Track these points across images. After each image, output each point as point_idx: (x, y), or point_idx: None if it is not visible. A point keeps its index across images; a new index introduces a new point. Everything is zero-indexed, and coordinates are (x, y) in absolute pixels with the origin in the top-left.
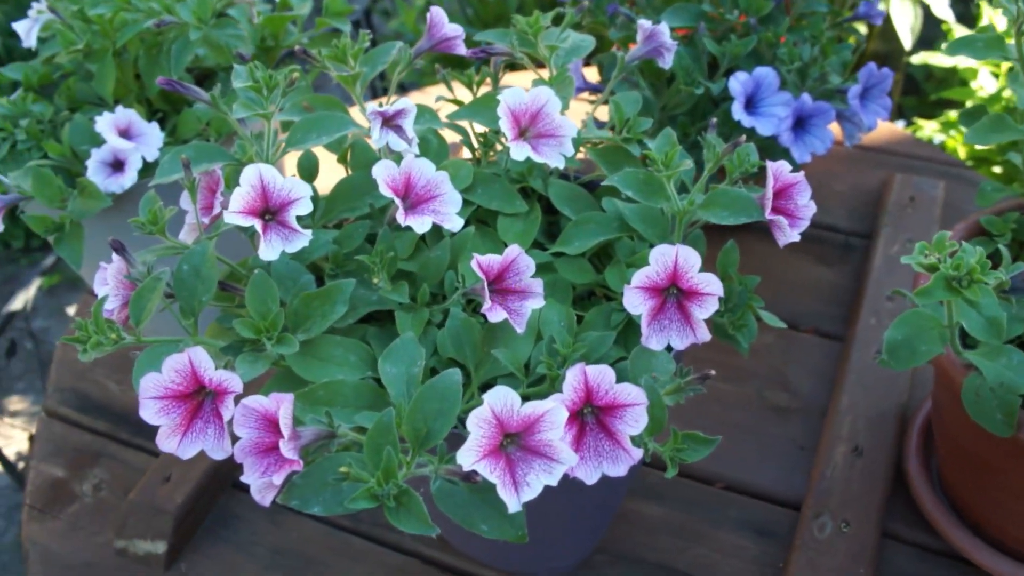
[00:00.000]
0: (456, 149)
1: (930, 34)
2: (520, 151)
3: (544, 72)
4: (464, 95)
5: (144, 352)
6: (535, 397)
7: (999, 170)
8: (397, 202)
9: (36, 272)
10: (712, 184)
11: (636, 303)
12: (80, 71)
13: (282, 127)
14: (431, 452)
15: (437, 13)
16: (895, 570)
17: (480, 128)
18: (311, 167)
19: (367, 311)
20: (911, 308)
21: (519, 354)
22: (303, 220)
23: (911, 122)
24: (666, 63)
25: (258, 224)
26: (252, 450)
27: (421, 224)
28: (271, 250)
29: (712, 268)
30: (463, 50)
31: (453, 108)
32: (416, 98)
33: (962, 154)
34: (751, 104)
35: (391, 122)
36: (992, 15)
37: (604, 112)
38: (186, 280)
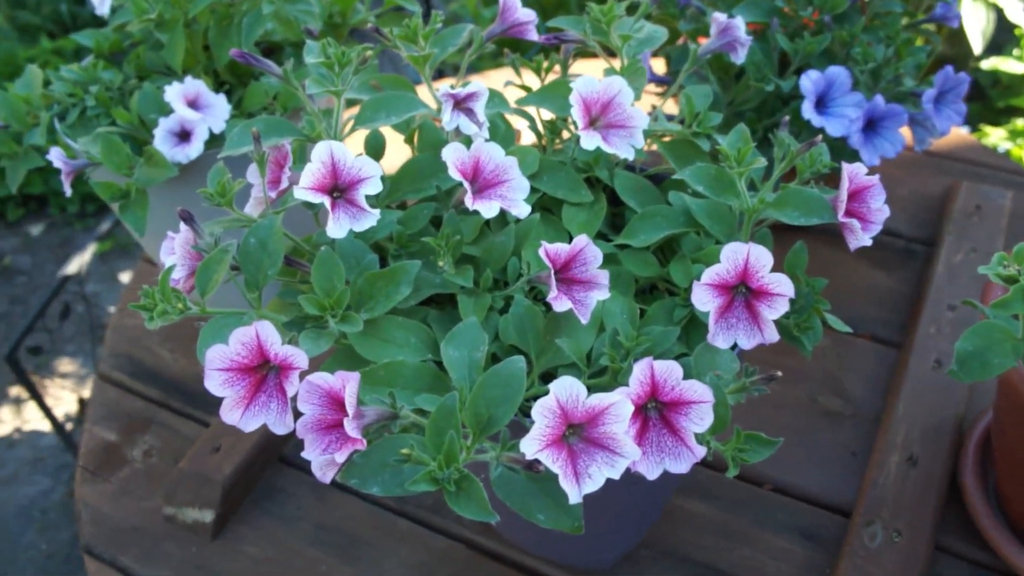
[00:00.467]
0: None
1: (999, 39)
2: (590, 140)
3: (615, 62)
4: (530, 82)
5: (208, 323)
6: (596, 389)
7: None
8: (465, 185)
9: (91, 237)
10: (781, 184)
11: (704, 300)
12: (149, 40)
13: (348, 105)
14: (492, 439)
15: None
16: None
17: (547, 115)
18: (378, 146)
19: (430, 293)
20: (980, 319)
21: (582, 345)
22: (370, 200)
23: (976, 128)
24: (739, 58)
25: (327, 201)
26: (314, 427)
27: (489, 209)
28: (339, 228)
29: (777, 269)
30: (534, 36)
31: (520, 94)
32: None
33: None
34: (821, 104)
35: (462, 104)
36: None
37: (671, 106)
38: (252, 253)
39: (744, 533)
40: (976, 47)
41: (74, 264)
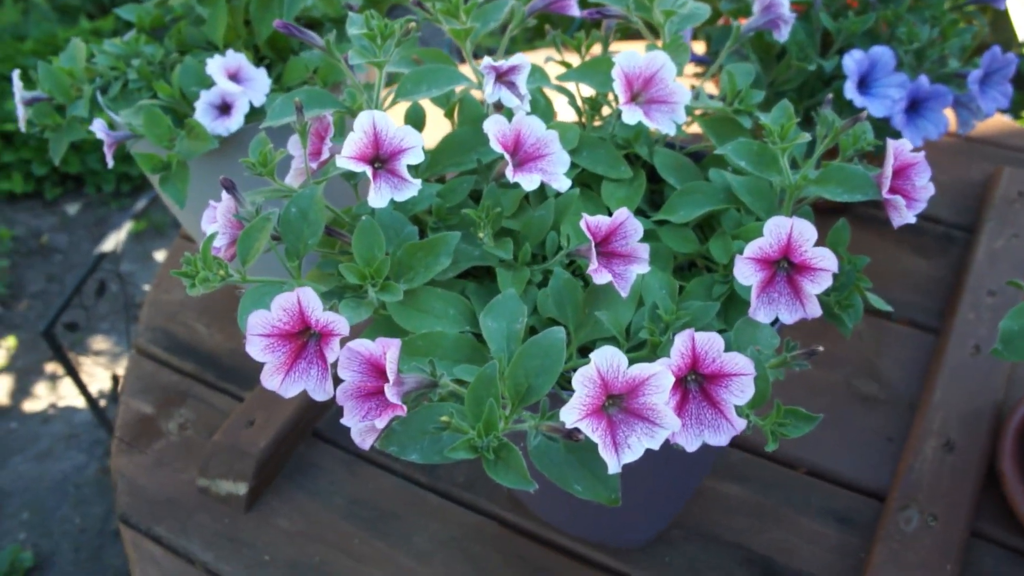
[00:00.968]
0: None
1: None
2: (632, 115)
3: (657, 41)
4: (570, 60)
5: (249, 291)
6: (636, 362)
7: None
8: (507, 157)
9: (127, 215)
10: (823, 162)
11: (747, 274)
12: (190, 16)
13: (388, 82)
14: (530, 409)
15: None
16: (983, 571)
17: (587, 92)
18: (418, 120)
19: (468, 266)
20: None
21: (621, 318)
22: (411, 170)
23: (1019, 116)
24: (782, 36)
25: (369, 171)
26: (354, 394)
27: (530, 181)
28: (380, 198)
29: None
30: (576, 11)
31: (560, 70)
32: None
33: None
34: (864, 84)
35: (504, 77)
36: None
37: (710, 87)
38: (293, 222)
39: (777, 515)
40: (1021, 33)
41: (110, 242)
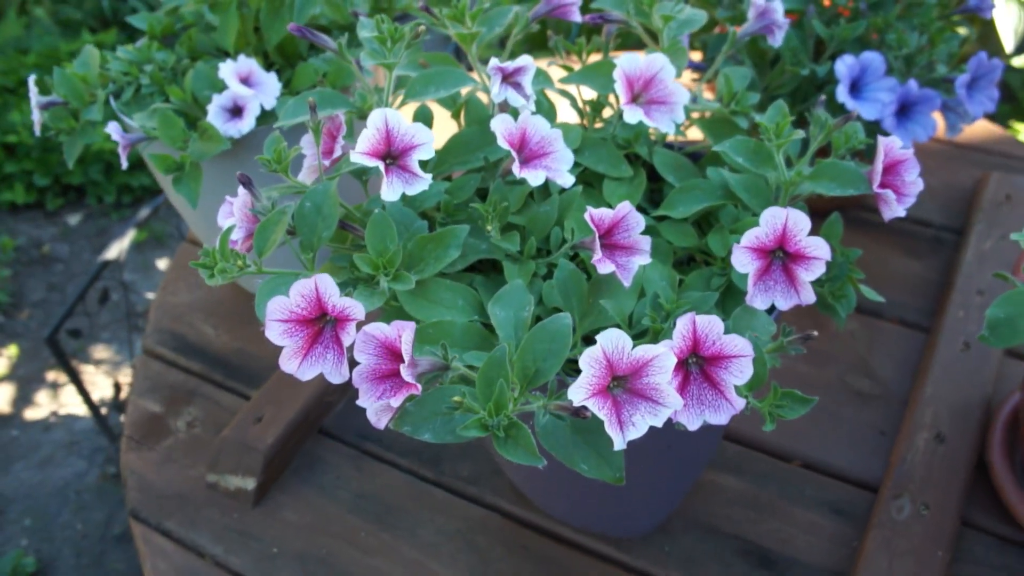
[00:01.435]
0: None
1: None
2: (633, 115)
3: (656, 46)
4: (571, 65)
5: (265, 282)
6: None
7: None
8: (513, 154)
9: (129, 224)
10: (816, 159)
11: (744, 262)
12: (200, 23)
13: (397, 86)
14: (537, 392)
15: None
16: (973, 558)
17: (588, 96)
18: (426, 120)
19: (476, 259)
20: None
21: (624, 307)
22: (422, 165)
23: (1007, 127)
24: (776, 41)
25: (381, 166)
26: (369, 376)
27: (535, 177)
28: (392, 191)
29: None
30: (577, 16)
31: (562, 74)
32: None
33: None
34: (856, 88)
35: (510, 78)
36: None
37: (707, 95)
38: (308, 216)
39: (773, 507)
40: (1008, 46)
41: (113, 250)
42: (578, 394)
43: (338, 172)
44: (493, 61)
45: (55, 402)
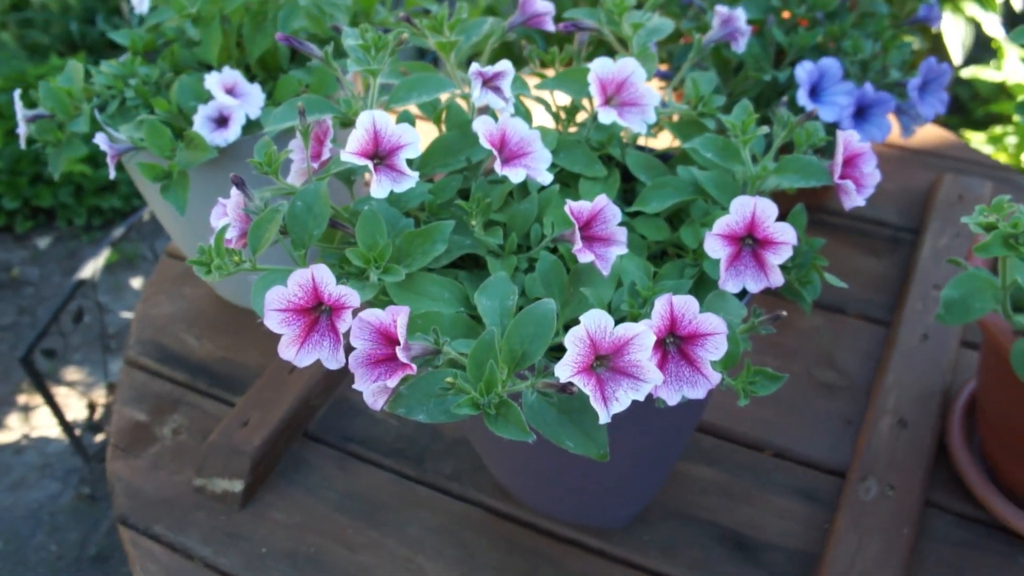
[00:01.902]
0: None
1: (977, 56)
2: (607, 116)
3: (626, 53)
4: (544, 74)
5: (260, 277)
6: None
7: None
8: (495, 153)
9: (102, 245)
10: (780, 155)
11: (716, 248)
12: (181, 38)
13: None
14: (524, 374)
15: None
16: (936, 535)
17: (561, 101)
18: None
19: (460, 253)
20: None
21: (603, 295)
22: (409, 163)
23: (958, 135)
24: (739, 47)
25: (370, 165)
26: (365, 361)
27: (516, 174)
28: (381, 189)
29: None
30: (551, 27)
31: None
32: None
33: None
34: (815, 92)
35: (491, 82)
36: None
37: (673, 99)
38: (299, 215)
39: (747, 494)
40: (956, 58)
41: (88, 269)
42: (564, 371)
43: (327, 174)
44: (474, 66)
45: (27, 425)
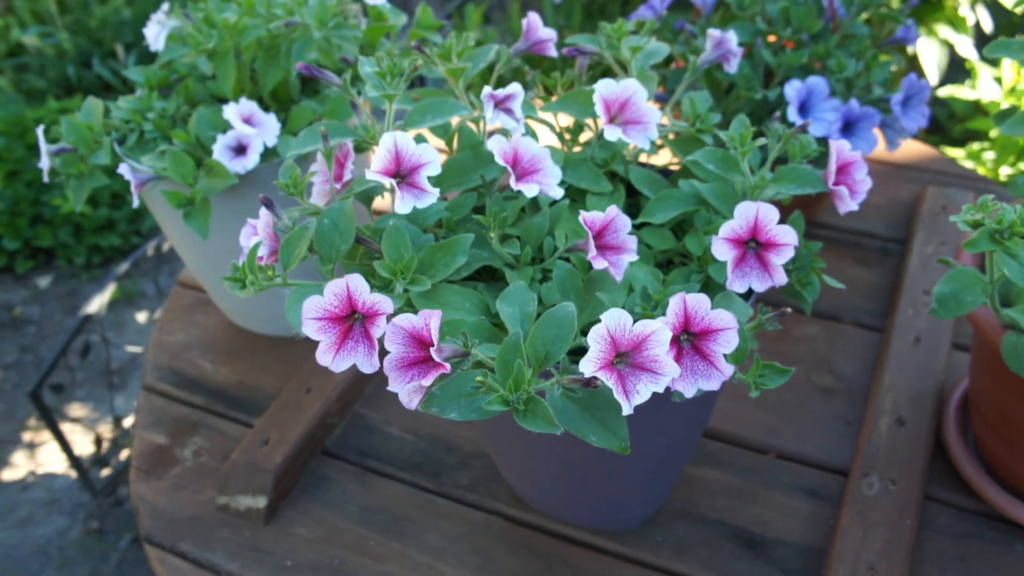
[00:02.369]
0: None
1: (952, 76)
2: (612, 133)
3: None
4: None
5: (292, 292)
6: None
7: None
8: (509, 170)
9: (107, 279)
10: (776, 166)
11: (722, 251)
12: (194, 74)
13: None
14: (545, 375)
15: (534, 18)
16: (937, 527)
17: (564, 123)
18: None
19: (479, 265)
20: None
21: (617, 300)
22: (430, 180)
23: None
24: (732, 68)
25: (393, 183)
26: (399, 364)
27: (529, 189)
28: (404, 205)
29: None
30: (553, 52)
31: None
32: None
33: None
34: (804, 109)
35: (502, 104)
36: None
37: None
38: (326, 232)
39: (754, 494)
40: (932, 78)
41: (94, 303)
42: (588, 367)
43: (349, 193)
44: (486, 89)
45: (32, 461)
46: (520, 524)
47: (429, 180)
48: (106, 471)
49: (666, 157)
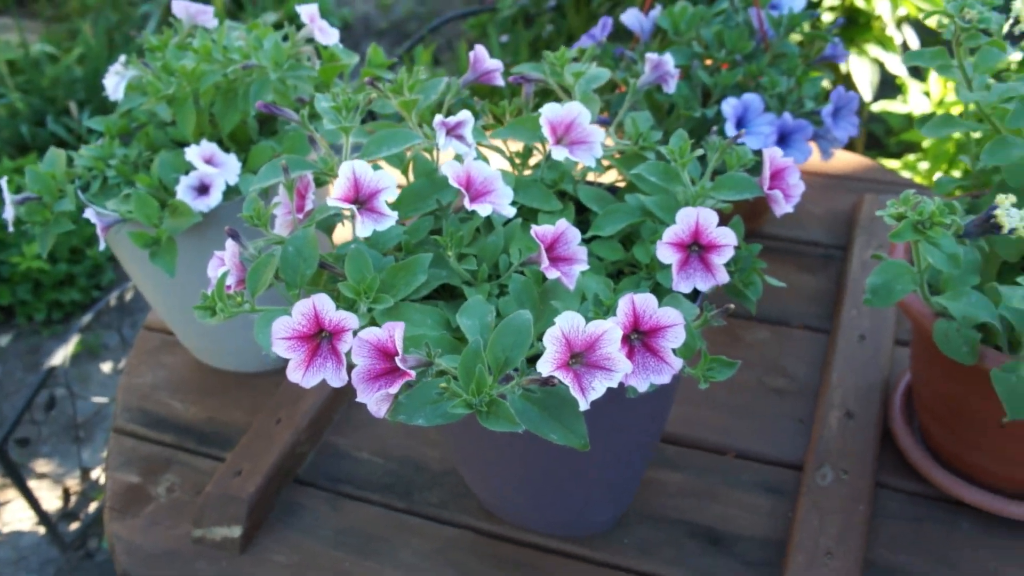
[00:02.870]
0: None
1: (885, 92)
2: (560, 153)
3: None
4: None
5: (261, 316)
6: None
7: None
8: (463, 192)
9: (72, 331)
10: (715, 176)
11: (667, 255)
12: (153, 120)
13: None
14: (505, 380)
15: (480, 50)
16: (889, 512)
17: (515, 148)
18: None
19: (438, 283)
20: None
21: (570, 308)
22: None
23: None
24: (670, 88)
25: (354, 208)
26: (366, 376)
27: (483, 209)
28: (365, 229)
29: None
30: (501, 81)
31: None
32: None
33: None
34: (741, 125)
35: (453, 131)
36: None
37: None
38: (290, 259)
39: (715, 494)
40: (866, 95)
41: (58, 356)
42: (545, 367)
43: (311, 222)
44: (438, 117)
45: None
46: (491, 536)
47: (388, 205)
48: (75, 524)
49: (612, 176)
